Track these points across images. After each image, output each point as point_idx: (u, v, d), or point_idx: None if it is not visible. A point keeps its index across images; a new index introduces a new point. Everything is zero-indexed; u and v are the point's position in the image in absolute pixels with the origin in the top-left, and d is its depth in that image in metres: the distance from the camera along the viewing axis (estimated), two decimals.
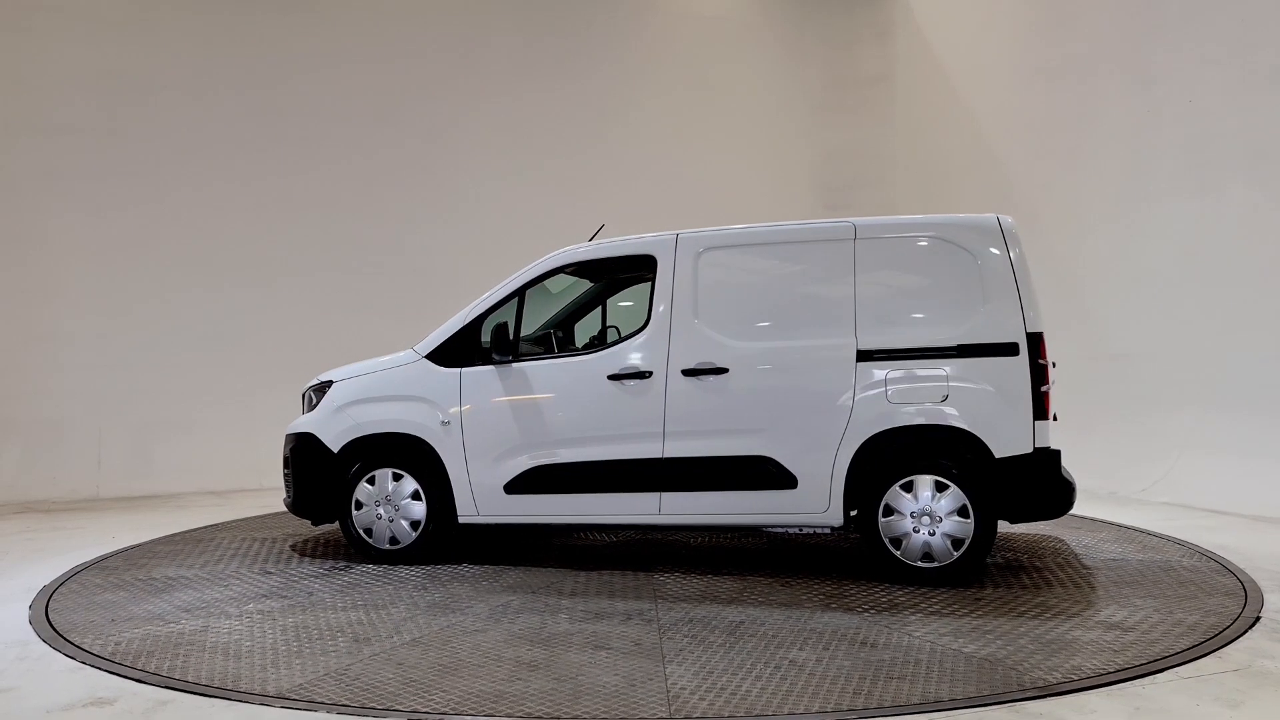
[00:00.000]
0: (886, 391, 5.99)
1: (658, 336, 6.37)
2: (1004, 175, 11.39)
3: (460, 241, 11.81)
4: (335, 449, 6.96)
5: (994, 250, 6.04)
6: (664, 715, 3.87)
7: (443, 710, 3.95)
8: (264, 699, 4.11)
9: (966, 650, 4.62)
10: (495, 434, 6.64)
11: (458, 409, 6.70)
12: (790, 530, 6.75)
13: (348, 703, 4.05)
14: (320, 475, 6.98)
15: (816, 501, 6.10)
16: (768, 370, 6.22)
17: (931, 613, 5.30)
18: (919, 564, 5.95)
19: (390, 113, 11.70)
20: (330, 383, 7.15)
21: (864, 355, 6.04)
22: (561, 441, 6.50)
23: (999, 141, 11.58)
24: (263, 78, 11.19)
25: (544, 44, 12.39)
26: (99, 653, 4.77)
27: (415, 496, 6.80)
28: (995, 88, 11.69)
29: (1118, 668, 4.34)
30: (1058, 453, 5.92)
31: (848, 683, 4.20)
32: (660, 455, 6.28)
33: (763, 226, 6.50)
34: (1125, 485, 9.21)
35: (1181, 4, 9.31)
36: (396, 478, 6.83)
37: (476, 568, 6.62)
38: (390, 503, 6.85)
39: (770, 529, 6.88)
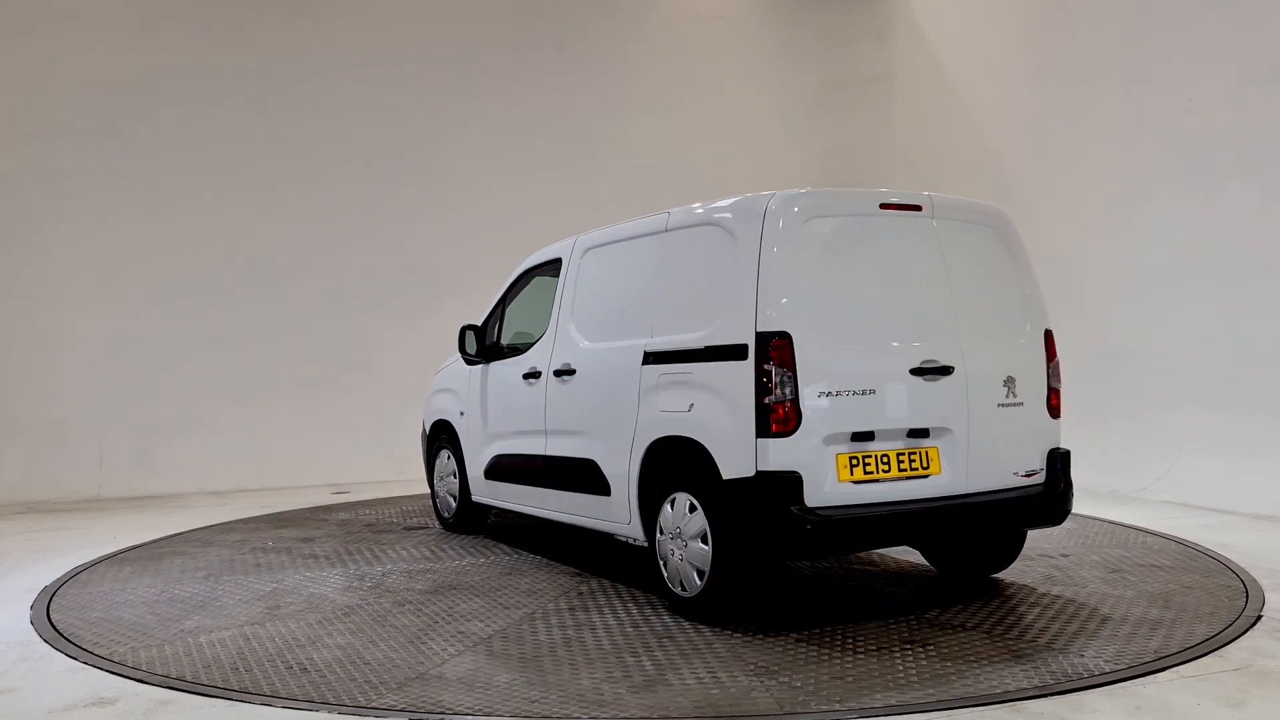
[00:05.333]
0: (658, 398, 5.39)
1: (549, 337, 6.56)
2: (1002, 173, 11.38)
3: (462, 242, 11.81)
4: (428, 429, 8.21)
5: (751, 235, 4.99)
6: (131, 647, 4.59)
7: (443, 710, 3.96)
8: (265, 699, 4.12)
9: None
10: (480, 425, 7.37)
11: (466, 401, 7.53)
12: (629, 541, 6.19)
13: (348, 703, 4.06)
14: (426, 451, 8.29)
15: (622, 511, 5.69)
16: (595, 372, 5.98)
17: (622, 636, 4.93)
18: (678, 590, 5.29)
19: (392, 114, 11.70)
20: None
21: (648, 357, 5.50)
22: (504, 435, 7.03)
23: (997, 140, 11.57)
24: (264, 81, 11.19)
25: (543, 45, 12.38)
26: (100, 653, 4.78)
27: (453, 475, 7.80)
28: (994, 86, 11.68)
29: (1118, 667, 4.33)
30: (788, 479, 4.69)
31: (284, 672, 4.45)
32: (544, 452, 6.51)
33: (623, 224, 6.19)
34: (1125, 483, 9.21)
35: (1179, 2, 9.30)
36: (449, 458, 7.84)
37: (495, 545, 7.14)
38: (442, 479, 7.97)
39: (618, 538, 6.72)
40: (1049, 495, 5.40)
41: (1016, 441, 5.33)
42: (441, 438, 7.94)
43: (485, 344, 7.27)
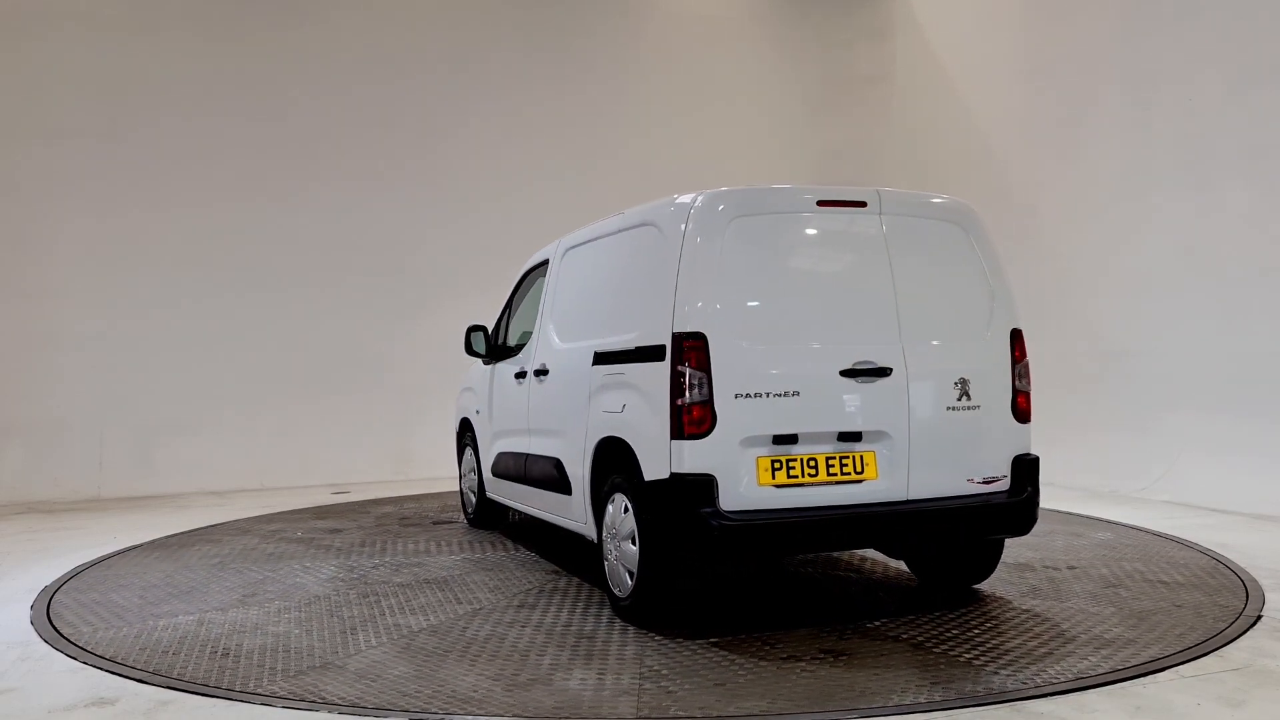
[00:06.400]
0: (602, 398, 5.34)
1: (534, 337, 6.63)
2: (1002, 174, 11.38)
3: (462, 245, 11.82)
4: (456, 427, 8.40)
5: (675, 235, 4.90)
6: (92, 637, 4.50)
7: (443, 711, 3.96)
8: (265, 699, 4.12)
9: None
10: (488, 423, 7.48)
11: (481, 400, 7.64)
12: (591, 541, 6.13)
13: (348, 702, 4.06)
14: (457, 448, 8.50)
15: (580, 511, 5.64)
16: (562, 372, 5.99)
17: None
18: (616, 592, 5.22)
19: (390, 116, 11.70)
20: None
21: (597, 358, 5.46)
22: (504, 433, 7.12)
23: (997, 140, 11.57)
24: (265, 83, 11.20)
25: (543, 46, 12.38)
26: (100, 653, 4.78)
27: (473, 472, 7.95)
28: (993, 87, 11.69)
29: (1118, 667, 4.33)
30: (700, 481, 4.60)
31: (205, 657, 4.67)
32: (527, 450, 6.56)
33: (593, 224, 6.12)
34: (1125, 483, 9.21)
35: (1179, 2, 9.30)
36: (471, 454, 8.00)
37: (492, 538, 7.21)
38: (464, 475, 8.21)
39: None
40: (1013, 504, 5.10)
41: (972, 446, 5.06)
42: (466, 436, 8.14)
43: (494, 344, 7.37)
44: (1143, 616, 5.10)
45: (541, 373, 6.30)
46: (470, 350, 7.37)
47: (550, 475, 6.06)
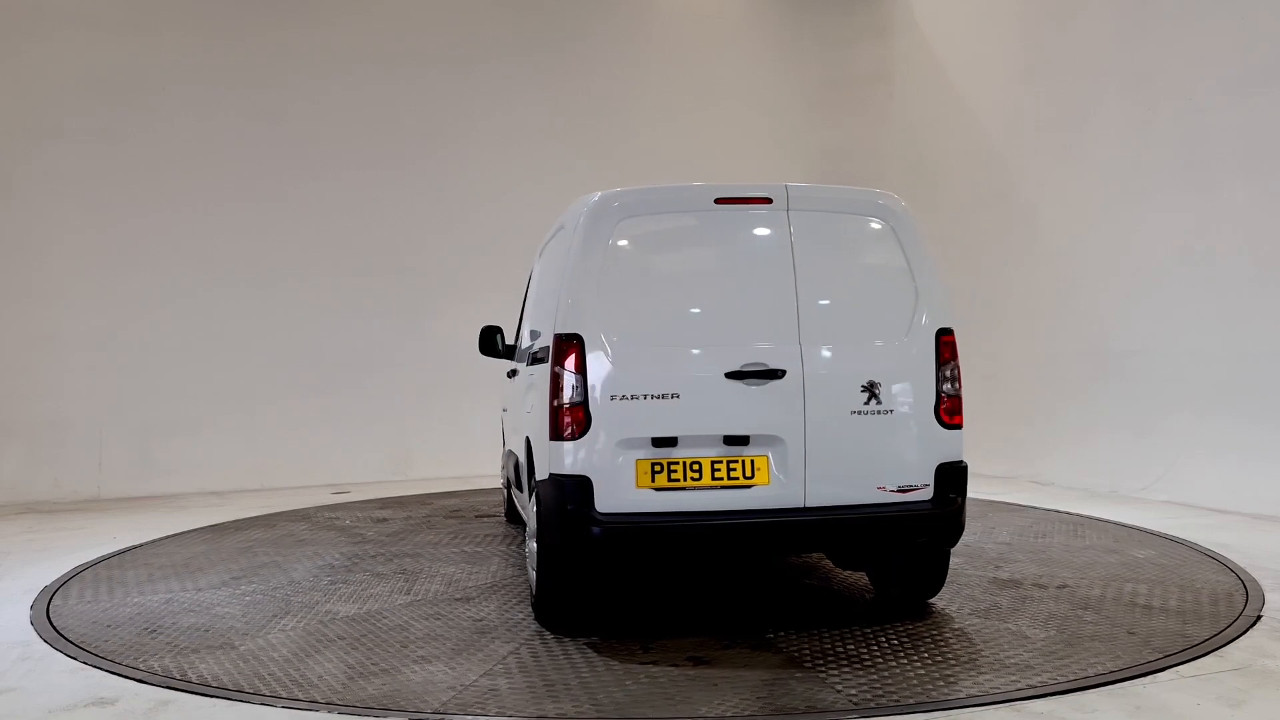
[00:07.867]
0: (526, 399, 5.49)
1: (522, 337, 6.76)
2: (1002, 174, 11.39)
3: (461, 245, 11.81)
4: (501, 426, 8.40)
5: (569, 235, 4.91)
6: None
7: (442, 710, 3.96)
8: (265, 699, 4.11)
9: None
10: (504, 420, 7.65)
11: (504, 398, 7.73)
12: None
13: (348, 702, 4.06)
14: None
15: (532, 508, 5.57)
16: (520, 373, 6.14)
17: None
18: (531, 589, 5.28)
19: (390, 117, 11.70)
20: None
21: (530, 359, 5.55)
22: (508, 431, 7.24)
23: (997, 140, 11.57)
24: (263, 82, 11.19)
25: (542, 46, 12.38)
26: (100, 653, 4.78)
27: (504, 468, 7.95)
28: (993, 86, 11.69)
29: (1118, 667, 4.32)
30: (575, 482, 4.57)
31: (135, 634, 5.06)
32: (511, 449, 6.74)
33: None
34: (1125, 483, 9.21)
35: (1179, 2, 9.30)
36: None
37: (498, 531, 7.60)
38: (500, 472, 8.34)
39: None
40: (933, 514, 4.80)
41: (882, 453, 4.79)
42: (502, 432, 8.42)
43: (507, 343, 7.36)
44: (1073, 643, 4.65)
45: (515, 373, 6.56)
46: (484, 350, 7.29)
47: (516, 474, 6.28)
